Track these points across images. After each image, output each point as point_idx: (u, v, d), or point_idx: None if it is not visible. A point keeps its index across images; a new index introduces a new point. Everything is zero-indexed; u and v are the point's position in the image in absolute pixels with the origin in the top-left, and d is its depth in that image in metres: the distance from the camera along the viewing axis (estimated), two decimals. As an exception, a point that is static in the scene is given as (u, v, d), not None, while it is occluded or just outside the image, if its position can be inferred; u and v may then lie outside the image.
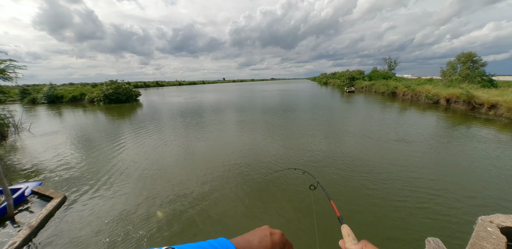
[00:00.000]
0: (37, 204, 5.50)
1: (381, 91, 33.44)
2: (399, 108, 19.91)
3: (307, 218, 4.50)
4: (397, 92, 29.84)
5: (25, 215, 5.06)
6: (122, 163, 8.00)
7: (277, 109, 20.53)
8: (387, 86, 32.45)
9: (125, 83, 34.39)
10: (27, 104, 35.27)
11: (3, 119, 12.92)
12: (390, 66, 47.85)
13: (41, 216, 4.66)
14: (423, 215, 4.57)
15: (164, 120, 16.54)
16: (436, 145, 9.12)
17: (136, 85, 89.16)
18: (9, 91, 15.57)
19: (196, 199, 5.39)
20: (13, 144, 11.63)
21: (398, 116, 15.67)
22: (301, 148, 8.95)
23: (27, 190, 5.85)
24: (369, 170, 6.75)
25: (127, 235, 4.20)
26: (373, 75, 44.90)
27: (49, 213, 4.89)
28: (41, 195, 5.80)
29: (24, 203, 5.51)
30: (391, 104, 22.61)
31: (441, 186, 5.74)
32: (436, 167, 6.98)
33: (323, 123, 13.73)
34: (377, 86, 35.67)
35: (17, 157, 9.34)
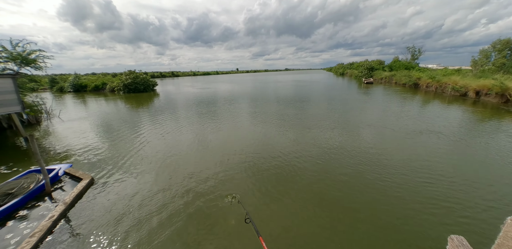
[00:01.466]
0: (69, 183, 6.14)
1: (402, 83, 31.46)
2: (422, 100, 18.68)
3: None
4: (420, 84, 27.91)
5: (59, 192, 5.70)
6: (141, 149, 8.54)
7: (290, 101, 20.19)
8: (409, 77, 30.37)
9: (143, 73, 35.43)
10: (55, 92, 37.85)
11: (36, 105, 14.10)
12: (413, 56, 44.36)
13: (73, 195, 5.23)
14: (446, 212, 4.44)
15: (180, 109, 17.08)
16: (462, 138, 8.61)
17: (152, 75, 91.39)
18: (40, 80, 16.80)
19: (212, 187, 5.69)
20: (46, 128, 12.76)
21: (420, 109, 14.77)
22: (312, 141, 8.88)
23: (60, 171, 6.50)
24: (386, 164, 6.58)
25: (146, 215, 4.61)
26: (394, 65, 41.98)
27: (80, 192, 5.46)
28: (72, 176, 6.44)
29: (58, 182, 6.16)
30: (412, 96, 21.24)
31: (466, 182, 5.50)
32: (462, 162, 6.64)
33: (338, 115, 13.36)
34: (398, 77, 33.58)
35: (50, 140, 10.29)
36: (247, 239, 3.80)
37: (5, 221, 4.50)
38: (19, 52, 12.86)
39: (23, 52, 13.04)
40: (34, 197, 5.38)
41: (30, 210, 4.90)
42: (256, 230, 1.31)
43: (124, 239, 3.93)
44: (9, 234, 4.13)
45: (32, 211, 4.87)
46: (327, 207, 4.69)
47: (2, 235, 4.11)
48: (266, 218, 4.35)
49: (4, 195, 5.00)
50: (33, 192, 5.35)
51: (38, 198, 5.37)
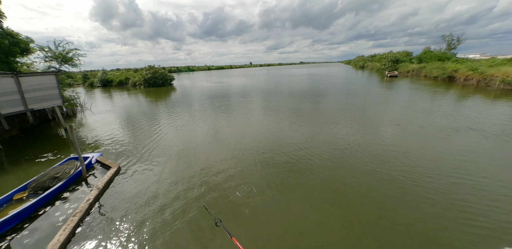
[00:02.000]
0: (100, 171, 6.99)
1: (433, 76, 28.64)
2: (458, 95, 16.95)
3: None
4: (457, 76, 24.99)
5: (93, 178, 6.55)
6: (160, 141, 9.29)
7: (305, 95, 19.82)
8: (443, 69, 27.40)
9: (161, 68, 37.21)
10: (87, 87, 41.48)
11: (73, 99, 15.76)
12: (449, 45, 38.75)
13: (104, 181, 6.00)
14: (496, 226, 4.04)
15: (195, 103, 17.84)
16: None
17: (170, 70, 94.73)
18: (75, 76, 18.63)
19: (224, 180, 6.12)
20: (80, 120, 14.29)
21: (456, 104, 13.46)
22: (327, 137, 8.83)
23: (93, 159, 7.41)
24: (411, 164, 6.40)
25: (165, 202, 5.17)
26: (424, 56, 37.49)
27: (110, 179, 6.23)
28: (102, 164, 7.30)
29: (92, 169, 7.06)
30: (445, 90, 19.31)
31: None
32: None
33: (356, 111, 12.90)
34: (429, 70, 30.55)
35: (83, 131, 11.58)
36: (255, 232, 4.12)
37: (53, 201, 5.38)
38: (60, 52, 14.35)
39: (63, 51, 14.51)
40: (73, 181, 6.27)
41: (71, 193, 5.76)
42: (227, 231, 1.51)
43: (143, 222, 4.50)
44: (57, 212, 4.97)
45: (73, 194, 5.72)
46: (341, 208, 4.66)
47: (52, 213, 4.95)
48: (274, 213, 4.61)
49: (52, 179, 5.92)
50: (73, 177, 6.23)
51: (77, 182, 6.25)
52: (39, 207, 5.09)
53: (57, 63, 14.49)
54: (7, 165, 7.62)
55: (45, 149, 8.87)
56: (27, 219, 4.73)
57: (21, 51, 12.62)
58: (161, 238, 4.07)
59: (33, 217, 4.80)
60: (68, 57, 14.88)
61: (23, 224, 4.60)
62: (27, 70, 13.36)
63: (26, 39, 12.75)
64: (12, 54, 12.22)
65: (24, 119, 12.02)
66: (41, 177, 5.97)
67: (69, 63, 14.98)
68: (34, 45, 13.47)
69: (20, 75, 10.01)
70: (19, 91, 10.00)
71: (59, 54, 14.41)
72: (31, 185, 5.70)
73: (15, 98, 9.90)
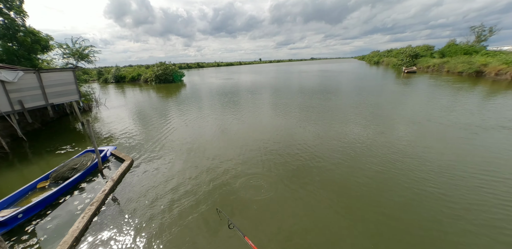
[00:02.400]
0: (114, 163, 7.32)
1: (458, 71, 26.67)
2: (489, 91, 15.72)
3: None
4: (486, 71, 23.14)
5: (108, 171, 6.88)
6: (170, 135, 9.54)
7: (315, 92, 19.44)
8: (470, 63, 25.40)
9: (171, 65, 37.84)
10: (101, 83, 42.98)
11: (89, 95, 16.44)
12: (479, 37, 34.99)
13: (118, 173, 6.29)
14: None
15: (204, 99, 18.04)
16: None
17: (180, 66, 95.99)
18: (91, 72, 19.34)
19: (233, 177, 6.22)
20: (95, 115, 14.94)
21: (485, 101, 12.59)
22: (337, 135, 8.68)
23: (108, 152, 7.75)
24: (429, 164, 6.20)
25: (178, 192, 5.36)
26: (447, 50, 34.53)
27: (123, 171, 6.52)
28: (116, 157, 7.63)
29: (107, 162, 7.41)
30: (472, 86, 17.90)
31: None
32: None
33: (370, 108, 12.51)
34: (452, 64, 28.50)
35: (98, 125, 12.11)
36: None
37: (72, 191, 5.74)
38: (77, 48, 14.92)
39: (80, 48, 15.08)
40: (90, 173, 6.62)
41: (88, 184, 6.10)
42: (240, 231, 1.56)
43: (153, 214, 4.70)
44: (75, 202, 5.30)
45: (89, 184, 6.06)
46: (350, 208, 4.62)
47: (71, 202, 5.28)
48: (280, 211, 4.66)
49: (71, 169, 6.29)
50: (89, 169, 6.58)
51: (93, 174, 6.60)
52: (59, 196, 5.45)
53: (74, 59, 15.13)
54: (31, 156, 8.18)
55: (64, 142, 9.39)
56: (49, 207, 5.09)
57: (42, 48, 13.25)
58: (168, 231, 4.25)
59: (54, 205, 5.15)
60: (84, 53, 15.47)
61: (46, 210, 4.95)
62: (47, 66, 14.05)
63: (46, 37, 13.35)
64: (33, 51, 12.88)
65: (45, 113, 12.74)
66: (61, 167, 6.36)
67: (85, 59, 15.59)
68: (53, 43, 14.09)
69: (41, 71, 10.55)
70: (40, 87, 10.57)
71: (76, 51, 15.00)
72: (52, 175, 6.09)
73: (37, 93, 10.49)
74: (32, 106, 10.36)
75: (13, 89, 9.48)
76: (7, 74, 9.08)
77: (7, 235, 4.24)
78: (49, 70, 11.06)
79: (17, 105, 9.68)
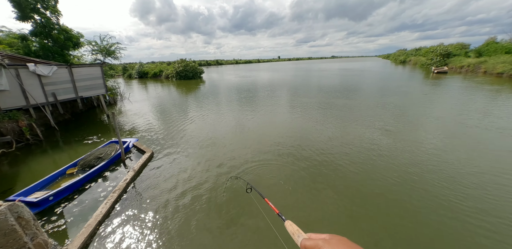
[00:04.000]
0: (136, 155, 7.58)
1: (497, 72, 24.21)
2: None
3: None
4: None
5: (129, 161, 7.13)
6: (189, 130, 9.69)
7: (335, 93, 18.67)
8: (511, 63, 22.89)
9: (192, 62, 38.67)
10: (126, 78, 45.38)
11: (114, 89, 17.37)
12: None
13: (139, 164, 6.47)
14: None
15: (222, 96, 18.17)
16: None
17: (200, 63, 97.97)
18: (116, 67, 20.40)
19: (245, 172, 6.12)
20: (120, 108, 15.72)
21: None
22: (357, 139, 8.19)
23: (130, 144, 8.04)
24: (456, 175, 5.63)
25: (195, 184, 5.37)
26: (486, 49, 31.47)
27: (144, 162, 6.70)
28: (138, 148, 7.89)
29: (129, 153, 7.69)
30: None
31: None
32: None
33: (395, 112, 11.72)
34: (491, 64, 25.86)
35: (122, 118, 12.71)
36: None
37: (96, 178, 6.01)
38: (105, 45, 15.78)
39: (107, 45, 15.93)
40: (113, 162, 6.91)
41: (111, 172, 6.36)
42: (260, 193, 1.45)
43: (170, 204, 4.74)
44: (99, 189, 5.54)
45: (113, 173, 6.31)
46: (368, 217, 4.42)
47: (95, 189, 5.54)
48: (294, 212, 4.45)
49: (97, 158, 6.60)
50: (113, 158, 6.86)
51: (116, 163, 6.88)
52: (85, 182, 5.74)
53: (101, 55, 16.05)
54: (61, 144, 8.77)
55: (91, 132, 9.96)
56: (77, 192, 5.37)
57: (73, 45, 14.19)
58: (185, 221, 4.24)
59: (81, 190, 5.43)
60: (111, 50, 16.35)
61: (74, 195, 5.24)
62: (77, 62, 15.05)
63: (77, 34, 14.27)
64: (66, 47, 13.84)
65: (74, 105, 13.66)
66: (88, 156, 6.70)
67: (111, 56, 16.47)
68: (83, 40, 15.03)
69: (73, 66, 11.28)
70: (71, 80, 11.31)
71: (104, 47, 15.89)
72: (80, 163, 6.44)
73: (68, 86, 11.24)
74: (64, 99, 11.13)
75: (48, 83, 10.24)
76: (43, 68, 9.82)
77: (39, 215, 4.54)
78: (80, 65, 11.79)
79: (51, 97, 10.45)
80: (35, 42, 13.00)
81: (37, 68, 9.52)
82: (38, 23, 12.64)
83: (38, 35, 12.91)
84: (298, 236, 0.64)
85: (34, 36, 12.97)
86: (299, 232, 0.68)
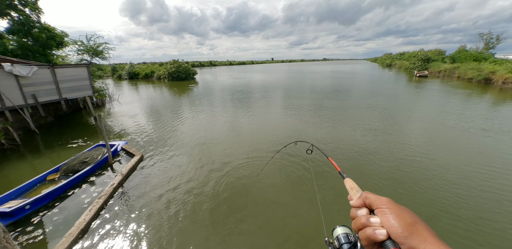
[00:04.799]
0: (125, 158, 7.19)
1: (468, 77, 26.30)
2: (495, 99, 15.23)
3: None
4: (494, 79, 22.92)
5: (118, 165, 6.74)
6: (182, 132, 9.37)
7: (327, 95, 18.95)
8: (479, 70, 25.21)
9: (184, 63, 38.13)
10: (115, 79, 43.90)
11: (102, 90, 16.67)
12: (487, 44, 35.72)
13: (127, 168, 6.12)
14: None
15: (216, 98, 17.89)
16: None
17: (193, 64, 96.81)
18: (105, 68, 19.67)
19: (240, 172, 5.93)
20: (108, 110, 15.08)
21: (489, 109, 12.11)
22: (348, 140, 8.24)
23: (118, 147, 7.64)
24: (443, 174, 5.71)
25: (185, 188, 5.11)
26: (458, 56, 34.61)
27: (133, 166, 6.35)
28: (127, 151, 7.50)
29: (117, 156, 7.28)
30: (480, 94, 17.46)
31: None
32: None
33: (382, 113, 11.98)
34: (462, 70, 28.17)
35: (111, 120, 12.15)
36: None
37: (81, 184, 5.60)
38: (91, 45, 15.17)
39: (94, 45, 15.33)
40: (100, 166, 6.50)
41: (97, 177, 5.96)
42: (323, 153, 1.54)
43: (160, 209, 4.46)
44: (83, 195, 5.15)
45: (99, 178, 5.92)
46: None
47: (79, 195, 5.14)
48: (284, 209, 4.31)
49: (81, 163, 6.18)
50: (100, 162, 6.46)
51: (103, 167, 6.48)
52: (68, 188, 5.33)
53: (88, 56, 15.40)
54: (42, 149, 8.20)
55: (76, 136, 9.41)
56: (58, 198, 4.96)
57: (57, 44, 13.52)
58: (172, 226, 3.99)
59: (63, 197, 5.02)
60: (98, 50, 15.74)
61: (54, 202, 4.83)
62: (62, 62, 14.35)
63: (61, 33, 13.61)
64: (48, 47, 13.15)
65: (58, 107, 12.94)
66: (71, 160, 6.26)
67: (99, 56, 15.85)
68: (68, 39, 14.38)
69: (56, 66, 10.70)
70: (54, 81, 10.70)
71: (90, 47, 15.27)
72: (62, 168, 6.00)
73: (51, 87, 10.62)
74: (45, 100, 10.49)
75: (27, 84, 9.61)
76: (21, 68, 9.21)
77: (13, 226, 4.11)
78: (64, 66, 11.21)
79: (30, 99, 9.80)
80: (12, 41, 12.22)
81: (14, 68, 8.91)
82: (15, 21, 11.91)
83: (16, 33, 12.16)
84: (357, 191, 0.68)
85: (11, 34, 12.21)
86: (358, 188, 0.70)
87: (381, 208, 0.52)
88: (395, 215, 0.49)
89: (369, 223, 0.51)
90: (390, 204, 0.52)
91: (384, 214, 0.50)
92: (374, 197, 0.56)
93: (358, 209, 0.57)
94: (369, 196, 0.57)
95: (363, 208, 0.57)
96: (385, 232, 0.48)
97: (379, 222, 0.50)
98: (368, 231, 0.50)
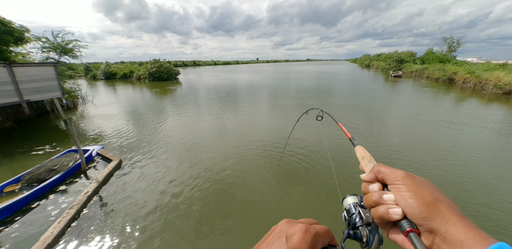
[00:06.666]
0: (101, 164, 6.60)
1: (435, 77, 28.87)
2: (455, 97, 16.85)
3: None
4: (456, 79, 25.47)
5: (93, 171, 6.16)
6: (165, 135, 8.88)
7: (311, 94, 19.39)
8: (444, 71, 27.84)
9: (166, 62, 36.54)
10: (89, 80, 40.83)
11: (74, 91, 15.31)
12: (450, 48, 39.83)
13: (104, 174, 5.61)
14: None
15: (200, 99, 17.38)
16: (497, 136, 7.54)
17: (175, 64, 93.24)
18: (77, 68, 18.09)
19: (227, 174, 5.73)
20: (81, 113, 13.88)
21: (452, 106, 13.28)
22: (335, 137, 8.44)
23: (93, 152, 7.01)
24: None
25: (168, 193, 4.79)
26: (426, 57, 38.06)
27: (110, 172, 5.84)
28: (103, 157, 6.90)
29: (92, 162, 6.66)
30: (445, 92, 19.23)
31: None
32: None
33: (364, 111, 12.52)
34: (431, 71, 30.85)
35: (85, 124, 11.17)
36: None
37: (48, 194, 5.00)
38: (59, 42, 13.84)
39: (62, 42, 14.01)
40: (72, 174, 5.88)
41: (68, 186, 5.37)
42: (333, 118, 1.48)
43: (140, 217, 4.12)
44: (50, 206, 4.58)
45: (71, 186, 5.34)
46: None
47: (45, 207, 4.57)
48: (277, 206, 4.24)
49: (49, 171, 5.53)
50: (71, 170, 5.84)
51: (75, 175, 5.87)
52: (32, 200, 4.72)
53: (56, 54, 14.02)
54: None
55: (43, 141, 8.47)
56: (19, 212, 4.36)
57: (15, 40, 12.08)
58: (153, 236, 3.70)
59: (25, 210, 4.42)
60: (68, 48, 14.40)
61: (14, 217, 4.23)
62: (22, 60, 12.88)
63: (20, 28, 12.20)
64: (5, 43, 11.68)
65: (19, 110, 11.60)
66: (36, 169, 5.58)
67: (69, 54, 14.50)
68: (29, 35, 12.96)
69: (14, 65, 9.50)
70: (12, 82, 9.51)
71: (58, 45, 13.92)
72: (25, 177, 5.31)
73: (8, 88, 9.39)
74: (1, 103, 9.29)
75: (-24, 84, 8.45)
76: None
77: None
78: (24, 64, 10.02)
79: (-18, 101, 8.64)
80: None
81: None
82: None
83: (-41, 27, 10.60)
84: (369, 161, 0.61)
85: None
86: (371, 158, 0.63)
87: (395, 184, 0.45)
88: (412, 193, 0.42)
89: (382, 201, 0.45)
90: (407, 179, 0.44)
91: (399, 191, 0.43)
92: (388, 170, 0.48)
93: (370, 184, 0.51)
94: (382, 169, 0.49)
95: (375, 183, 0.50)
96: (400, 211, 0.42)
97: (393, 199, 0.44)
98: (381, 209, 0.44)
